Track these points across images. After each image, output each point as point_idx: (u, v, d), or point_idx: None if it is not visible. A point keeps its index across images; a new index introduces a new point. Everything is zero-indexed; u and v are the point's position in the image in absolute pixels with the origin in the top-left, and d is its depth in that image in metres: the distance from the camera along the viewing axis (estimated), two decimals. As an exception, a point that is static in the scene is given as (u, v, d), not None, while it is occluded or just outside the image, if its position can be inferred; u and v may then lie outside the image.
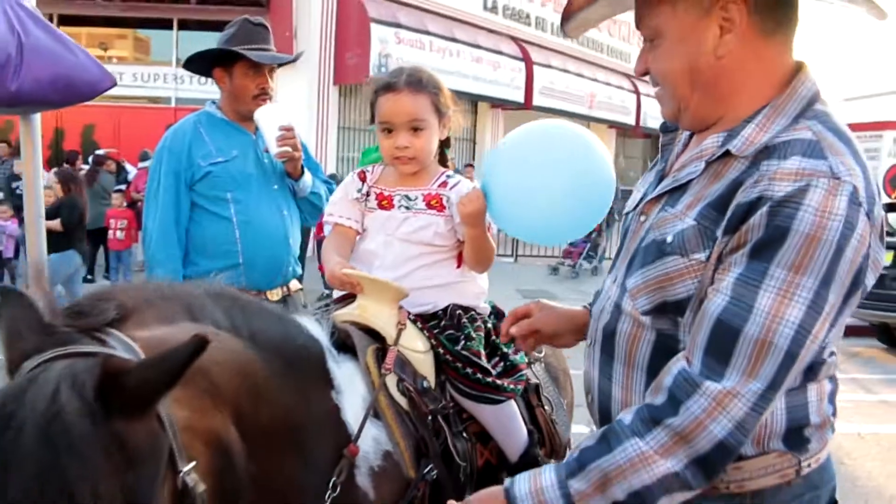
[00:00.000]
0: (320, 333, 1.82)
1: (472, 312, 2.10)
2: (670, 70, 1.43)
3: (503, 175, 1.89)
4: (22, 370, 1.15)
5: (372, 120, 2.13)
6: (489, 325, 2.13)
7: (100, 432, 1.07)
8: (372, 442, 1.77)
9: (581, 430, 2.23)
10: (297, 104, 14.10)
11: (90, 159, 12.52)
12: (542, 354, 2.39)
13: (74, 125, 14.67)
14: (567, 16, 1.56)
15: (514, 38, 18.26)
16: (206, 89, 2.64)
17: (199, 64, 3.26)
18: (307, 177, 3.25)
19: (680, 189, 1.43)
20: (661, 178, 1.53)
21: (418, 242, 2.07)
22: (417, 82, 2.06)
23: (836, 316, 1.29)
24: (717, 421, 1.25)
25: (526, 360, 2.18)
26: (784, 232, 1.23)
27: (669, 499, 1.31)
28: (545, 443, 2.19)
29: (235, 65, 3.15)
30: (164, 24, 14.06)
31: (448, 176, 2.16)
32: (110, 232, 10.87)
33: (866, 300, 1.80)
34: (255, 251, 3.05)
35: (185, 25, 14.63)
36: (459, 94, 2.25)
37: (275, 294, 3.15)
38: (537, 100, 17.62)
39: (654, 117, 23.91)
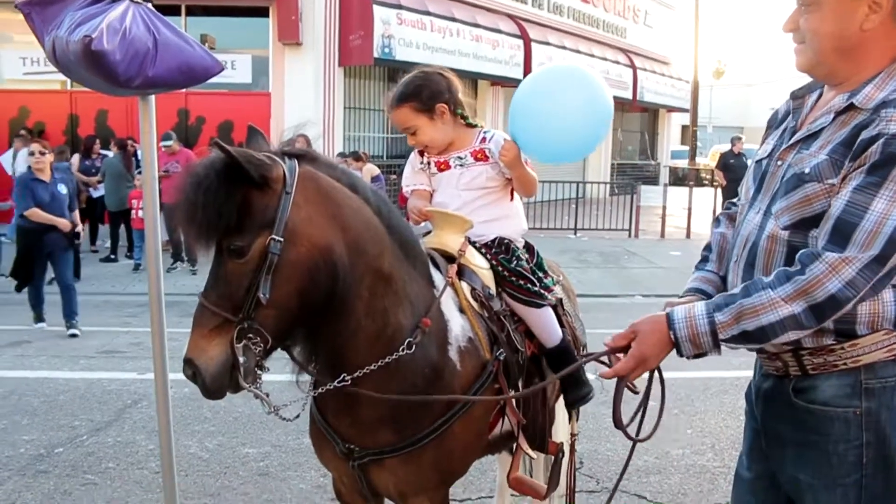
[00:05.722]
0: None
1: (515, 243, 2.73)
2: (821, 31, 1.78)
3: (524, 118, 2.60)
4: None
5: None
6: (526, 255, 2.76)
7: (223, 186, 1.90)
8: (460, 329, 2.40)
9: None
10: (304, 86, 14.58)
11: (111, 144, 12.98)
12: (560, 277, 3.06)
13: (89, 111, 15.06)
14: None
15: (511, 17, 18.65)
16: (224, 73, 2.98)
17: None
18: None
19: (812, 136, 1.83)
20: (793, 132, 1.93)
21: (476, 188, 2.68)
22: (399, 98, 2.65)
23: None
24: (832, 279, 1.66)
25: (553, 283, 2.82)
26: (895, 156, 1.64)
27: (784, 336, 1.72)
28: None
29: None
30: (173, 11, 14.39)
31: (485, 132, 2.73)
32: (133, 212, 11.41)
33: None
34: None
35: (192, 11, 15.00)
36: (460, 73, 2.79)
37: None
38: (536, 76, 17.99)
39: (650, 91, 24.31)
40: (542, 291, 2.67)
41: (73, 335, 7.77)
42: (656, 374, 1.99)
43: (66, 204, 7.95)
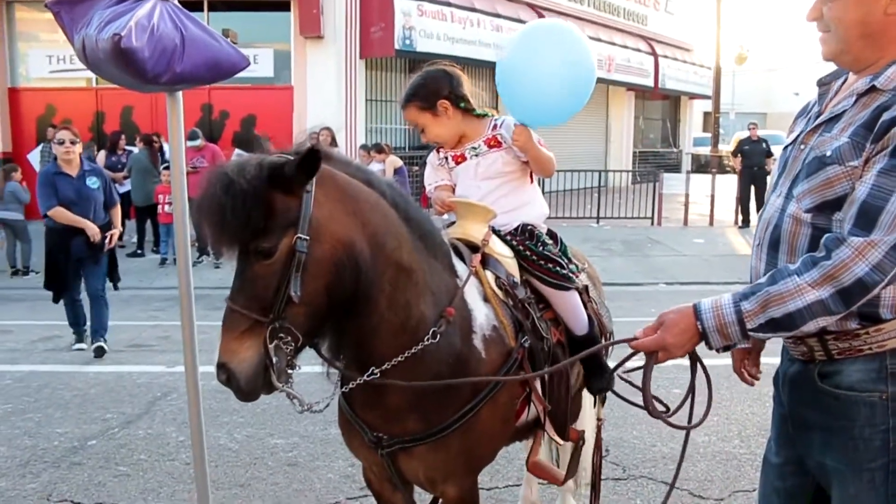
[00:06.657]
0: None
1: (538, 229, 2.76)
2: (846, 18, 1.79)
3: (502, 84, 2.65)
4: None
5: None
6: (550, 241, 2.78)
7: (250, 190, 1.91)
8: (484, 318, 2.43)
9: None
10: (326, 79, 14.63)
11: (137, 140, 13.11)
12: (585, 266, 3.08)
13: (114, 108, 15.22)
14: None
15: (531, 6, 18.57)
16: (247, 68, 2.97)
17: None
18: None
19: (834, 119, 1.84)
20: (817, 116, 1.94)
21: (494, 175, 2.72)
22: (404, 98, 2.75)
23: None
24: (858, 263, 1.66)
25: (578, 270, 2.86)
26: None
27: (814, 323, 1.72)
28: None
29: None
30: (195, 6, 14.47)
31: (495, 120, 2.78)
32: (159, 207, 11.54)
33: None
34: None
35: (214, 6, 15.08)
36: (481, 63, 2.86)
37: None
38: (556, 65, 17.91)
39: (672, 78, 24.11)
40: (570, 275, 2.70)
41: (100, 350, 6.88)
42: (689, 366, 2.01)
43: (97, 201, 6.87)
